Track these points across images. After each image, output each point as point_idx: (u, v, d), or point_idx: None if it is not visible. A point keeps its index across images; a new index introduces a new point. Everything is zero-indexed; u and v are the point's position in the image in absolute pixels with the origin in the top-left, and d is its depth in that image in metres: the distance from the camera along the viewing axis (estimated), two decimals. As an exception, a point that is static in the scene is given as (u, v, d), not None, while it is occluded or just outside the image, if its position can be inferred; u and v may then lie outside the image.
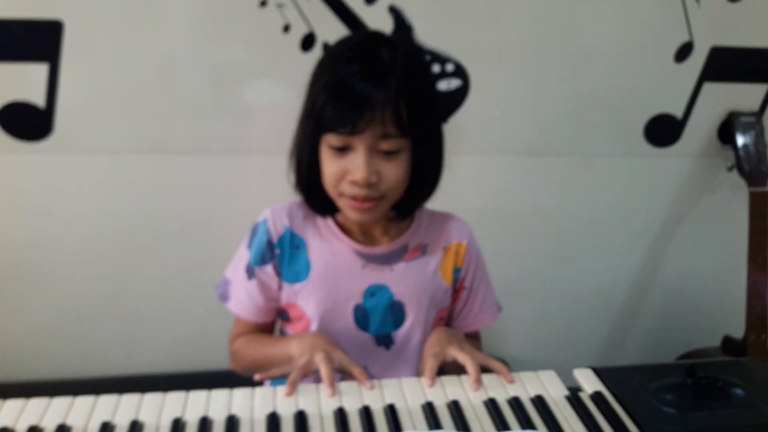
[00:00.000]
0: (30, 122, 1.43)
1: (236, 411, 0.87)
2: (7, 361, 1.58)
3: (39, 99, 1.41)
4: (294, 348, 1.04)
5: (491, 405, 0.91)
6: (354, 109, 0.95)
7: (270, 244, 1.10)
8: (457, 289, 1.17)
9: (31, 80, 1.40)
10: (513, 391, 0.95)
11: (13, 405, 0.87)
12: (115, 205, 1.52)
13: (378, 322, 1.12)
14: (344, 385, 0.95)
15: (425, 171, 1.04)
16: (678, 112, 1.68)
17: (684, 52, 1.63)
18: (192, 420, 0.85)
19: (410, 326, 1.13)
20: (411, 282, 1.11)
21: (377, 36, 1.07)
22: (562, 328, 1.81)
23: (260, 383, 0.99)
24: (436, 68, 1.53)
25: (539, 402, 0.92)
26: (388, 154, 0.98)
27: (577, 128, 1.66)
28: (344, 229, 1.11)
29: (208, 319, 1.58)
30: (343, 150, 0.98)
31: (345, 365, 0.98)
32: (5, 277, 1.52)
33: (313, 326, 1.11)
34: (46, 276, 1.54)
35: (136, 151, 1.50)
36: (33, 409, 0.86)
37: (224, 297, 1.16)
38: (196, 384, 0.94)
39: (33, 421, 0.83)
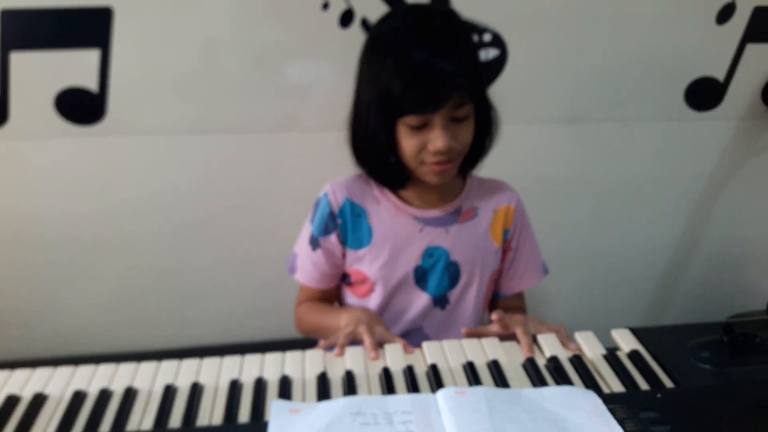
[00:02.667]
0: (84, 106, 1.49)
1: (289, 372, 0.92)
2: (70, 335, 1.66)
3: (92, 84, 1.48)
4: (343, 319, 1.12)
5: (529, 364, 0.95)
6: (435, 91, 1.00)
7: (332, 215, 1.17)
8: (504, 249, 1.23)
9: (84, 66, 1.46)
10: (551, 351, 0.98)
11: (84, 370, 0.93)
12: (167, 184, 1.58)
13: (436, 282, 1.19)
14: (389, 348, 0.99)
15: (486, 128, 1.13)
16: (720, 74, 1.66)
17: (726, 13, 1.61)
18: (248, 381, 0.91)
19: (464, 286, 1.20)
20: (465, 242, 1.19)
21: (423, 10, 1.09)
22: (604, 294, 1.83)
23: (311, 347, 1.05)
24: (473, 39, 1.55)
25: (577, 360, 0.96)
26: (461, 120, 1.05)
27: (617, 94, 1.65)
28: (401, 197, 1.18)
29: (259, 292, 1.65)
30: (421, 127, 1.04)
31: (386, 338, 1.04)
32: (66, 255, 1.60)
33: (377, 289, 1.19)
34: (104, 253, 1.61)
35: (186, 132, 1.55)
36: (102, 373, 0.92)
37: (292, 269, 1.24)
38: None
39: (103, 385, 0.90)
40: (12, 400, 0.86)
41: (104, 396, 0.87)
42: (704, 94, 1.67)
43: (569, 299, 1.81)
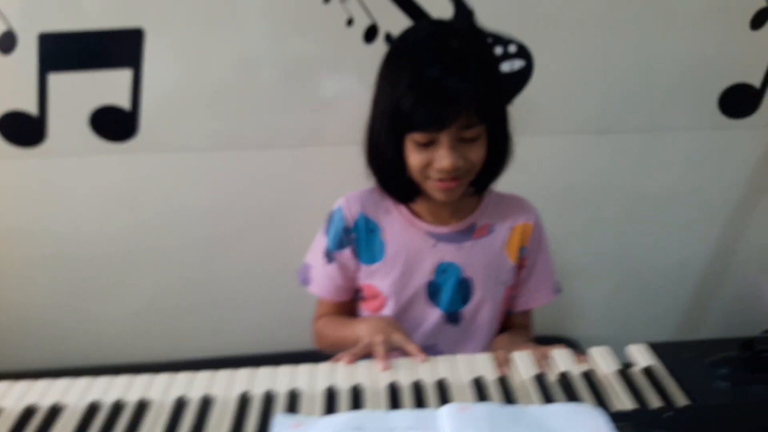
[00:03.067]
0: (117, 124, 1.54)
1: (299, 385, 0.93)
2: (103, 346, 1.72)
3: (125, 102, 1.53)
4: (361, 330, 1.12)
5: (539, 380, 0.94)
6: (443, 110, 0.99)
7: (346, 230, 1.18)
8: (519, 266, 1.22)
9: (117, 85, 1.51)
10: (563, 367, 0.97)
11: (101, 382, 0.96)
12: (197, 199, 1.62)
13: (448, 298, 1.18)
14: (398, 362, 0.99)
15: (499, 149, 1.11)
16: (756, 81, 1.61)
17: (761, 18, 1.56)
18: (258, 394, 0.92)
19: (477, 302, 1.19)
20: (478, 259, 1.18)
21: (444, 26, 1.09)
22: (636, 306, 1.79)
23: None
24: (498, 50, 1.54)
25: (588, 377, 0.94)
26: (469, 140, 1.03)
27: (648, 102, 1.62)
28: (414, 212, 1.18)
29: (287, 304, 1.66)
30: (428, 144, 1.03)
31: (402, 344, 1.04)
32: (101, 267, 1.65)
33: (389, 304, 1.19)
34: (137, 266, 1.66)
35: (217, 147, 1.59)
36: (118, 384, 0.95)
37: (305, 281, 1.25)
38: (277, 364, 1.00)
39: (118, 396, 0.92)
40: (30, 411, 0.89)
41: (117, 407, 0.89)
42: (739, 101, 1.62)
43: (601, 312, 1.78)
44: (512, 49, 1.55)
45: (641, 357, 0.99)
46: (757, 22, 1.56)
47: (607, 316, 1.79)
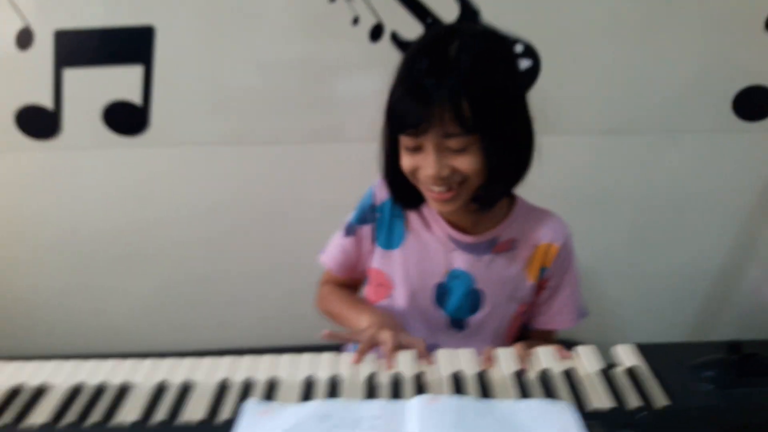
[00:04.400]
0: (129, 119, 1.58)
1: (281, 373, 0.94)
2: (110, 338, 1.76)
3: (136, 97, 1.56)
4: (365, 320, 1.11)
5: (518, 377, 0.93)
6: (420, 108, 0.94)
7: (372, 207, 1.18)
8: (540, 286, 1.17)
9: (128, 81, 1.55)
10: (545, 364, 0.96)
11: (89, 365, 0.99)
12: (204, 193, 1.65)
13: (456, 304, 1.16)
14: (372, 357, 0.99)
15: (502, 162, 1.00)
16: (770, 83, 1.58)
17: (775, 19, 1.53)
18: (237, 381, 0.93)
19: (486, 315, 1.16)
20: (494, 274, 1.14)
21: (449, 31, 1.01)
22: (646, 310, 1.76)
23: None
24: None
25: (569, 375, 0.93)
26: (456, 151, 0.97)
27: (659, 104, 1.60)
28: (441, 214, 1.14)
29: (292, 299, 1.68)
30: (416, 149, 1.00)
31: (410, 344, 1.01)
32: (110, 259, 1.69)
33: (396, 294, 1.18)
34: (144, 259, 1.70)
35: (225, 143, 1.62)
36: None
37: (322, 252, 1.26)
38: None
39: (100, 379, 0.95)
40: (16, 391, 0.92)
41: (99, 390, 0.91)
42: (754, 104, 1.59)
43: (608, 316, 1.76)
44: (519, 48, 1.54)
45: (626, 357, 0.97)
46: (772, 23, 1.53)
47: (615, 321, 1.76)
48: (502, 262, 1.14)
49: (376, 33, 1.52)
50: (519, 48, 1.54)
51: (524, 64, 1.55)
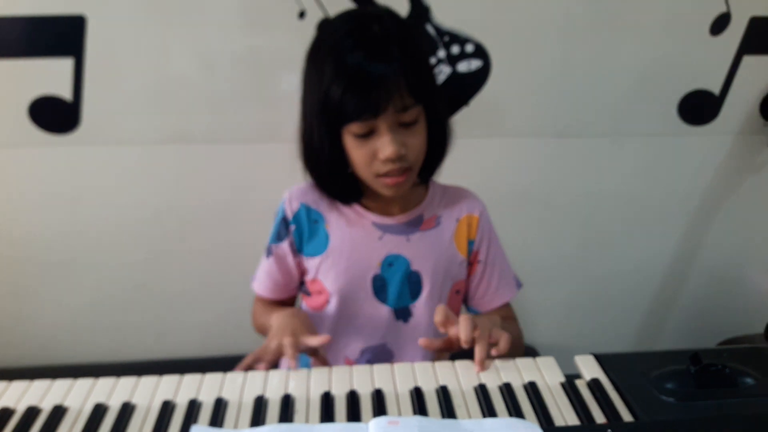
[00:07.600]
0: (58, 115, 1.48)
1: (225, 395, 0.88)
2: (43, 347, 1.65)
3: (66, 92, 1.46)
4: (272, 323, 1.09)
5: (481, 391, 0.90)
6: (373, 94, 0.96)
7: (285, 221, 1.15)
8: (471, 262, 1.18)
9: (57, 74, 1.45)
10: (507, 377, 0.93)
11: (40, 385, 0.91)
12: (140, 195, 1.57)
13: (396, 293, 1.14)
14: (335, 370, 0.95)
15: (439, 134, 1.07)
16: (715, 87, 1.60)
17: (720, 24, 1.55)
18: (182, 402, 0.87)
19: (427, 297, 1.15)
20: (427, 252, 1.14)
21: (364, 14, 1.06)
22: (594, 313, 1.77)
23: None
24: (455, 49, 1.51)
25: (532, 389, 0.90)
26: (409, 125, 1.00)
27: (607, 107, 1.60)
28: (361, 204, 1.14)
29: (234, 304, 1.61)
30: (367, 135, 1.00)
31: (307, 342, 0.99)
32: (39, 267, 1.59)
33: (333, 300, 1.15)
34: (77, 264, 1.60)
35: (161, 141, 1.54)
36: (58, 388, 0.90)
37: (253, 278, 1.23)
38: (223, 367, 0.97)
39: (58, 401, 0.87)
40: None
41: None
42: (699, 108, 1.61)
43: (558, 318, 1.76)
44: (469, 48, 1.51)
45: (586, 369, 0.95)
46: (716, 28, 1.55)
47: (564, 323, 1.76)
48: (431, 238, 1.14)
49: (324, 28, 1.47)
50: (470, 48, 1.51)
51: (474, 64, 1.53)
